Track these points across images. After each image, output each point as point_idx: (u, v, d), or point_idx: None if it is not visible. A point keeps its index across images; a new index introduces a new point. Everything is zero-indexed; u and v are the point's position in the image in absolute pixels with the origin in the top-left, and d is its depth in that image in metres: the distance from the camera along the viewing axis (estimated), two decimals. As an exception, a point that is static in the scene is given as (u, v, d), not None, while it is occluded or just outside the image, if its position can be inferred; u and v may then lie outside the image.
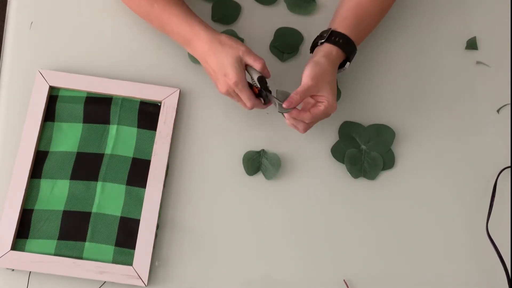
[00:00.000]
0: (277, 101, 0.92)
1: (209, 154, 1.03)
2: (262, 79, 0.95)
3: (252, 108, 0.96)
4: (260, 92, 0.95)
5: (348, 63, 1.00)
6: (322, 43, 0.98)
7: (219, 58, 0.94)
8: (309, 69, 0.94)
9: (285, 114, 0.95)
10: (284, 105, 0.92)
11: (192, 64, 1.07)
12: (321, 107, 0.93)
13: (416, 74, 1.11)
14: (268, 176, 1.02)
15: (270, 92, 0.95)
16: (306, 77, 0.93)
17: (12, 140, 1.00)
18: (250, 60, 0.95)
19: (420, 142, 1.06)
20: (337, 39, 0.97)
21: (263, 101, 0.96)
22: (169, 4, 0.98)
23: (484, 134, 1.08)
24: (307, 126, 0.95)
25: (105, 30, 1.08)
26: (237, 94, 0.96)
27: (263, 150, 1.03)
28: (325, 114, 0.94)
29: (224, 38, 0.96)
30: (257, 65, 0.95)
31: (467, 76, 1.11)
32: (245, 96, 0.95)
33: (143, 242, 0.95)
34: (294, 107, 0.93)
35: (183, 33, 0.98)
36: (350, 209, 1.02)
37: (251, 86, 0.96)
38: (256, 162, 1.02)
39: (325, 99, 0.93)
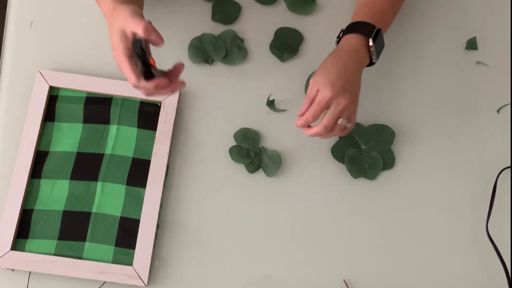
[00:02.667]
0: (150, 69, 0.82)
1: (209, 154, 1.03)
2: (137, 42, 0.80)
3: (134, 85, 0.83)
4: (143, 62, 0.81)
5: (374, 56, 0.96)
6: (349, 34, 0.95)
7: (110, 30, 0.85)
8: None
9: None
10: (296, 123, 0.91)
11: (192, 64, 1.07)
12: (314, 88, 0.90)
13: (416, 74, 1.11)
14: (269, 173, 1.02)
15: (148, 61, 0.82)
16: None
17: (12, 140, 1.00)
18: (131, 27, 0.80)
19: (420, 142, 1.06)
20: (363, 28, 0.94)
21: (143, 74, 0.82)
22: None
23: (484, 134, 1.08)
24: (316, 130, 0.91)
25: (105, 30, 1.07)
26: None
27: (263, 147, 1.03)
28: (317, 99, 0.89)
29: (119, 8, 0.84)
30: (139, 30, 0.80)
31: (467, 76, 1.11)
32: (126, 71, 0.82)
33: (143, 242, 0.95)
34: None
35: (103, 10, 0.90)
36: (350, 209, 1.02)
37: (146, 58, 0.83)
38: (257, 160, 1.02)
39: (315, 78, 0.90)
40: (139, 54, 0.81)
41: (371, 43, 0.94)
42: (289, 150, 1.04)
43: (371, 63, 0.97)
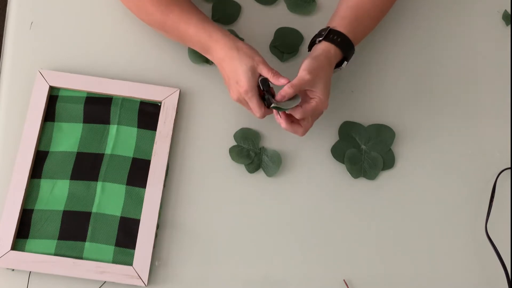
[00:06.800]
0: (272, 100, 0.93)
1: (209, 154, 1.03)
2: (265, 81, 0.94)
3: (262, 117, 0.95)
4: (263, 96, 0.94)
5: (345, 62, 1.00)
6: (320, 41, 0.98)
7: (234, 65, 0.94)
8: (306, 63, 0.94)
9: (281, 118, 0.95)
10: (277, 98, 0.92)
11: (192, 64, 1.07)
12: (313, 103, 0.93)
13: (416, 74, 1.11)
14: (269, 173, 1.02)
15: (272, 96, 0.94)
16: (303, 71, 0.93)
17: (12, 140, 1.00)
18: (264, 71, 0.94)
19: (420, 142, 1.06)
20: (335, 37, 0.97)
21: (266, 104, 0.95)
22: (185, 13, 0.98)
23: (484, 134, 1.08)
24: (304, 129, 0.95)
25: (105, 30, 1.08)
26: (247, 102, 0.95)
27: (263, 147, 1.03)
28: (316, 111, 0.94)
29: (241, 45, 0.95)
30: (268, 76, 0.94)
31: (466, 76, 1.11)
32: (254, 104, 0.94)
33: (143, 242, 0.95)
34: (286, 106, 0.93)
35: (202, 41, 0.97)
36: (350, 209, 1.02)
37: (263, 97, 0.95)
38: (257, 160, 1.02)
39: (317, 95, 0.93)
40: (266, 88, 0.94)
41: (344, 65, 1.00)
42: (289, 150, 1.04)
43: None
